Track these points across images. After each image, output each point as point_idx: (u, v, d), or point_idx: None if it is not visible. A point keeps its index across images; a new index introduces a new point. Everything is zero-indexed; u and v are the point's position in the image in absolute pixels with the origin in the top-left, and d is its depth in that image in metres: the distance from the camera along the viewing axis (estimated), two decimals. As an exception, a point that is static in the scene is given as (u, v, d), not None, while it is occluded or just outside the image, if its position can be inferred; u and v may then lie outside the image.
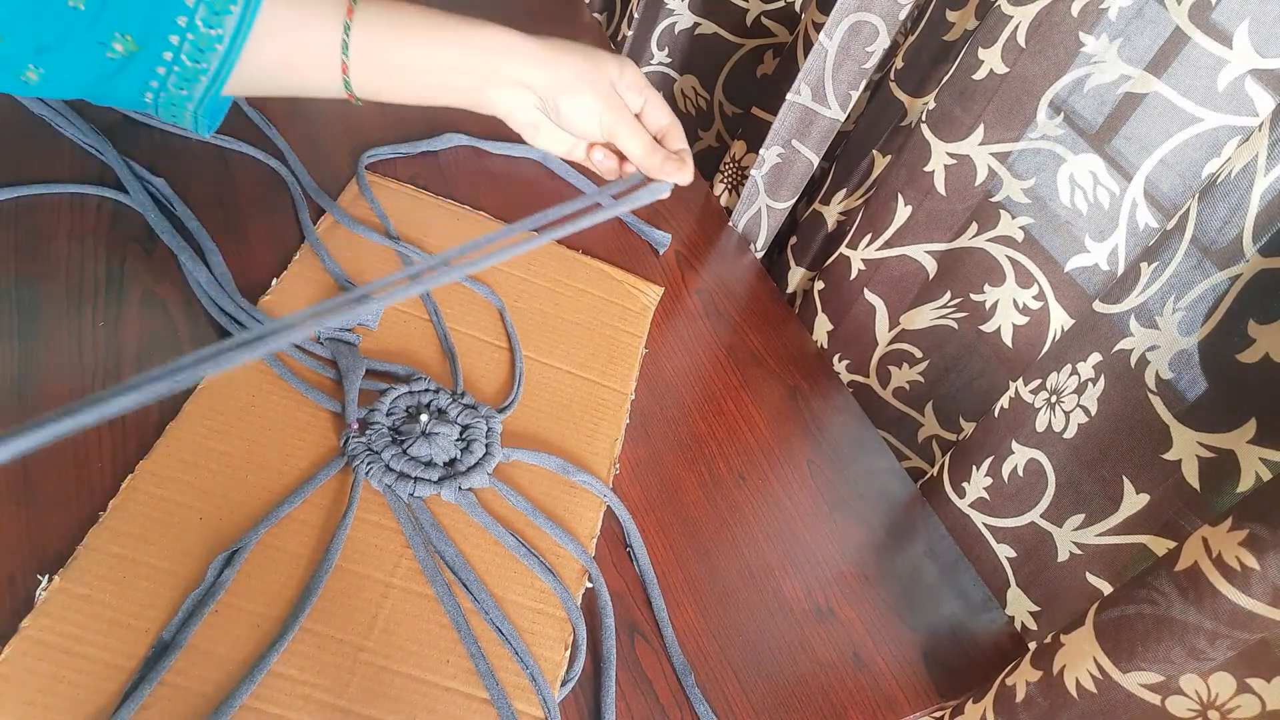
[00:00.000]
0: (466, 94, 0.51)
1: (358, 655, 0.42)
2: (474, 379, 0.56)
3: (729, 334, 0.69)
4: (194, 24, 0.43)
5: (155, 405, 0.47)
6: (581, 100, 0.51)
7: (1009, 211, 0.61)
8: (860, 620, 0.54)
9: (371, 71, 0.48)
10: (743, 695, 0.48)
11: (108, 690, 0.37)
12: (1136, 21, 0.51)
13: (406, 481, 0.48)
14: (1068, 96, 0.56)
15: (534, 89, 0.51)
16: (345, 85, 0.49)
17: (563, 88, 0.51)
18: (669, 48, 0.91)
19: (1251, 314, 0.44)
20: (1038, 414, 0.55)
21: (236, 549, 0.43)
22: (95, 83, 0.45)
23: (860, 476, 0.63)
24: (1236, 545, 0.38)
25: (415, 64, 0.49)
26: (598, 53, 0.52)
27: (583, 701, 0.45)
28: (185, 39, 0.44)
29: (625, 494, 0.54)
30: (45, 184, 0.54)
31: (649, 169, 0.54)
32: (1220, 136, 0.49)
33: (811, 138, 0.73)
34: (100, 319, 0.50)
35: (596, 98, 0.51)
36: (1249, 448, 0.45)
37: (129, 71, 0.44)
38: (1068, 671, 0.45)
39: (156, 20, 0.43)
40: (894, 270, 0.67)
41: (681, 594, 0.51)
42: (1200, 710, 0.41)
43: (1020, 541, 0.58)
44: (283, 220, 0.60)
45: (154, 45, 0.44)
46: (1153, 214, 0.53)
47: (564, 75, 0.51)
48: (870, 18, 0.66)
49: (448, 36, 0.49)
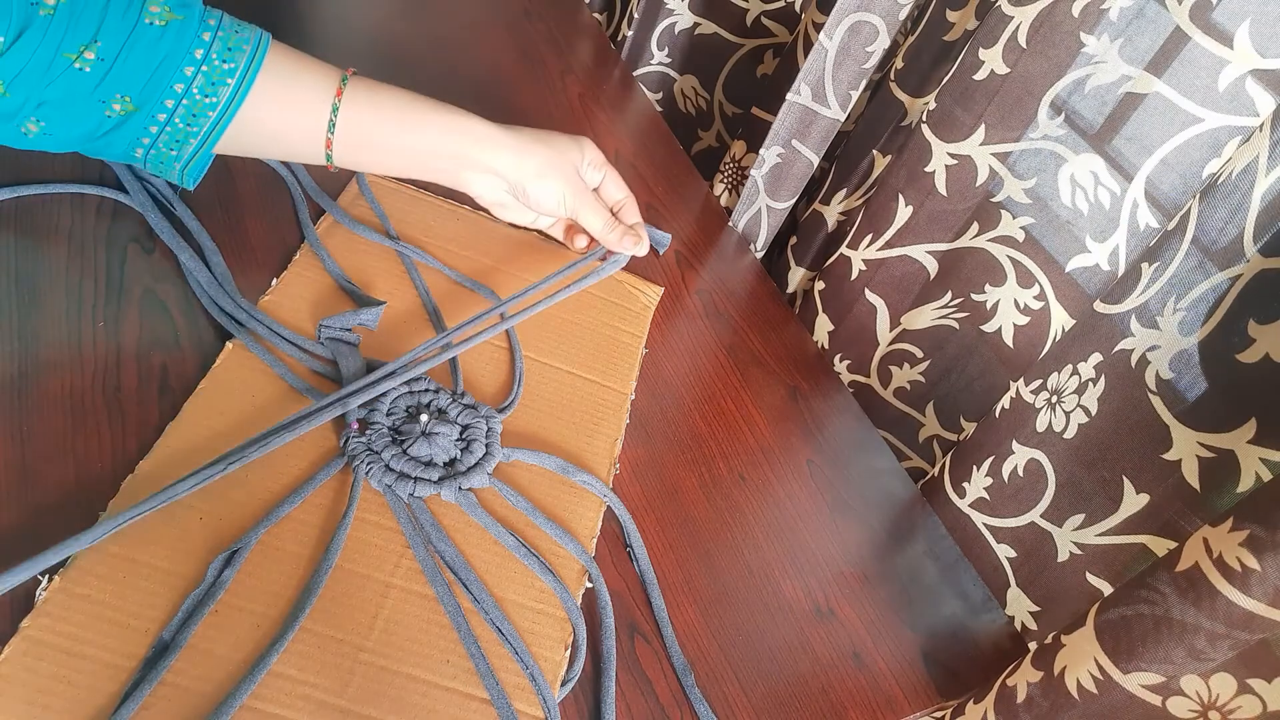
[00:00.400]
0: (442, 175, 0.57)
1: (358, 655, 0.42)
2: (474, 379, 0.56)
3: (729, 334, 0.69)
4: (190, 91, 0.47)
5: (155, 405, 0.47)
6: (548, 185, 0.58)
7: (1010, 211, 0.61)
8: (860, 620, 0.54)
9: (353, 148, 0.53)
10: (743, 695, 0.48)
11: (108, 690, 0.37)
12: (1137, 21, 0.51)
13: (406, 481, 0.48)
14: (1068, 97, 0.56)
15: (504, 176, 0.57)
16: (328, 158, 0.53)
17: (531, 175, 0.57)
18: (669, 48, 0.91)
19: (1252, 314, 0.44)
20: (1038, 414, 0.55)
21: (236, 549, 0.43)
22: (90, 138, 0.47)
23: (860, 477, 0.63)
24: (1237, 546, 0.38)
25: (394, 145, 0.54)
26: (560, 139, 0.59)
27: (583, 701, 0.45)
28: (180, 104, 0.47)
29: (625, 494, 0.54)
30: (45, 184, 0.54)
31: (608, 243, 0.62)
32: (1221, 137, 0.49)
33: (811, 138, 0.73)
34: (100, 319, 0.50)
35: (561, 182, 0.58)
36: (1249, 448, 0.45)
37: (124, 129, 0.47)
38: (1068, 672, 0.45)
39: (156, 85, 0.46)
40: (895, 270, 0.67)
41: (681, 594, 0.51)
42: (1201, 711, 0.41)
43: (1020, 541, 0.58)
44: (283, 220, 0.60)
45: (150, 107, 0.47)
46: (1153, 214, 0.53)
47: (533, 164, 0.57)
48: (870, 18, 0.66)
49: (426, 121, 0.54)
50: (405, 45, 0.80)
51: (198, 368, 0.49)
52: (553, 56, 0.88)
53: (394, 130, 0.53)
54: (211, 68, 0.47)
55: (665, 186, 0.79)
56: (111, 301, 0.51)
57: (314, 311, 0.55)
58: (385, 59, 0.78)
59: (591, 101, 0.85)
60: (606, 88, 0.89)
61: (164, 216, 0.55)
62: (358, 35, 0.80)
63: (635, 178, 0.78)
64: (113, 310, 0.50)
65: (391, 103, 0.53)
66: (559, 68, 0.87)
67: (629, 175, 0.78)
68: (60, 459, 0.43)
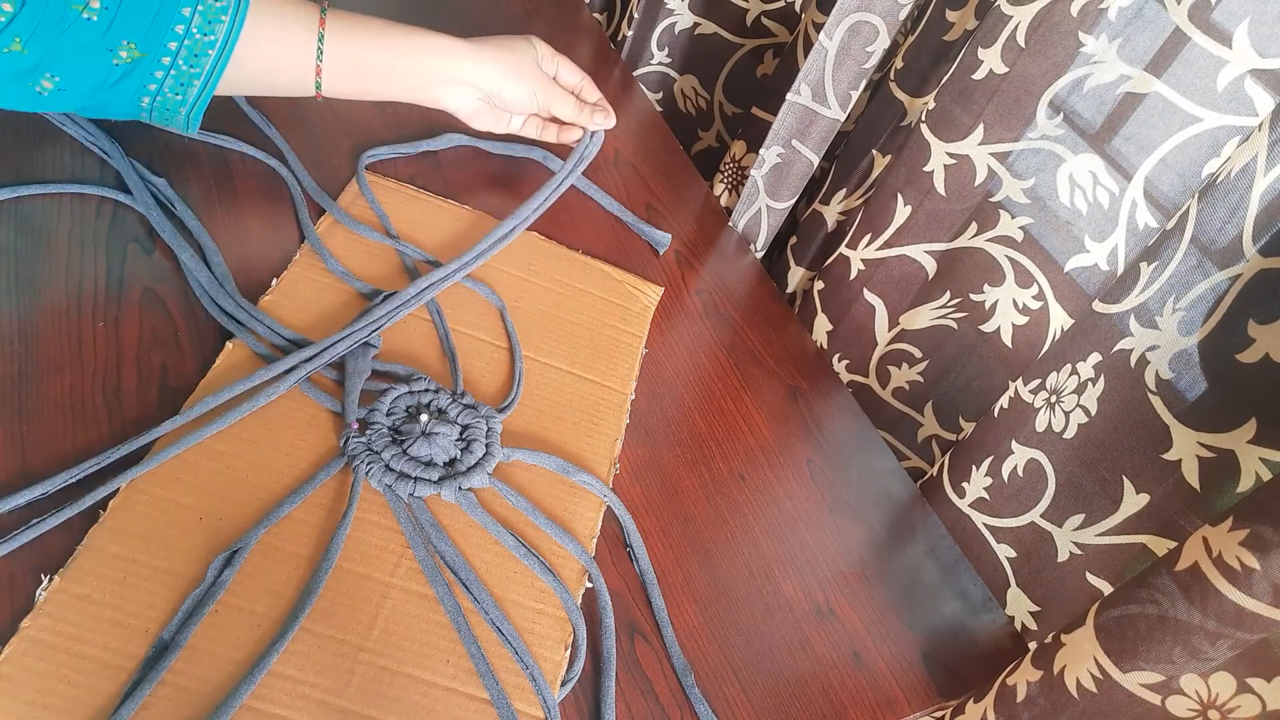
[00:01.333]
0: (419, 92, 0.61)
1: (358, 655, 0.42)
2: (474, 379, 0.56)
3: (729, 334, 0.69)
4: (190, 31, 0.49)
5: (155, 405, 0.47)
6: (519, 84, 0.63)
7: (1008, 211, 0.61)
8: (860, 620, 0.54)
9: (339, 73, 0.56)
10: (743, 695, 0.48)
11: (108, 690, 0.37)
12: (1136, 21, 0.51)
13: (406, 481, 0.48)
14: (1067, 96, 0.56)
15: (477, 85, 0.62)
16: (316, 85, 0.56)
17: (501, 78, 0.62)
18: (669, 48, 0.91)
19: (1251, 314, 0.44)
20: (1037, 414, 0.55)
21: (237, 549, 0.43)
22: (101, 88, 0.48)
23: (860, 476, 0.63)
24: (1237, 545, 0.38)
25: (377, 67, 0.58)
26: (516, 40, 0.64)
27: (583, 701, 0.45)
28: (183, 45, 0.49)
29: (625, 494, 0.54)
30: (45, 184, 0.54)
31: (581, 122, 0.69)
32: (1220, 136, 0.49)
33: (811, 138, 0.73)
34: (100, 319, 0.50)
35: (529, 79, 0.64)
36: (1249, 448, 0.45)
37: (133, 76, 0.49)
38: (1068, 671, 0.45)
39: (158, 28, 0.48)
40: (893, 270, 0.67)
41: (681, 594, 0.51)
42: (1200, 710, 0.41)
43: (1020, 541, 0.58)
44: (283, 220, 0.60)
45: (156, 51, 0.49)
46: (1152, 214, 0.53)
47: (500, 69, 0.62)
48: (870, 18, 0.66)
49: (402, 44, 0.58)
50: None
51: (198, 368, 0.49)
52: (552, 57, 0.88)
53: (375, 54, 0.57)
54: (206, 6, 0.49)
55: (665, 186, 0.79)
56: (111, 301, 0.51)
57: (314, 311, 0.55)
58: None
59: (591, 102, 0.85)
60: (606, 88, 0.88)
61: (165, 216, 0.55)
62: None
63: (635, 178, 0.78)
64: (113, 310, 0.50)
65: (368, 29, 0.57)
66: (559, 68, 0.87)
67: (629, 175, 0.78)
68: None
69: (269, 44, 0.53)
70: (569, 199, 0.72)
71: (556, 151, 0.74)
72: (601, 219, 0.73)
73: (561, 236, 0.68)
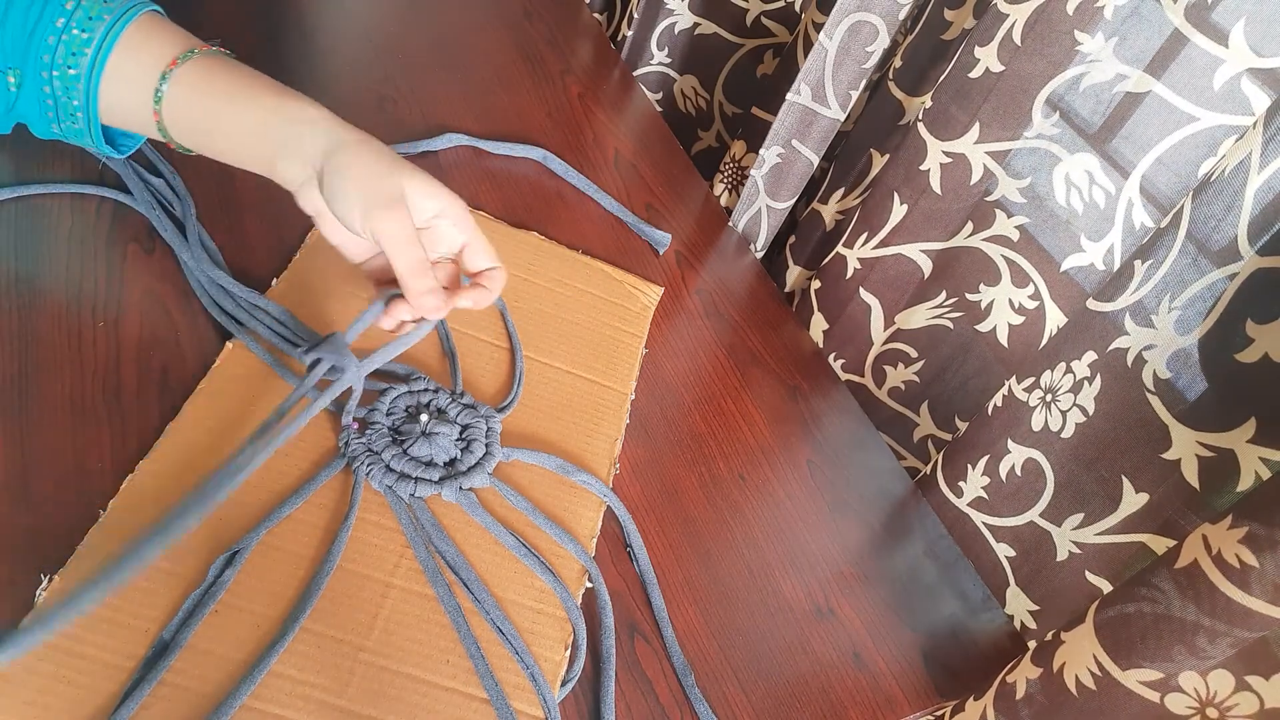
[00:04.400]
0: (259, 163, 0.47)
1: (358, 655, 0.42)
2: (474, 379, 0.56)
3: (729, 334, 0.69)
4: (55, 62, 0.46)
5: (155, 405, 0.47)
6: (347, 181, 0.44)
7: (1005, 210, 0.61)
8: (860, 620, 0.54)
9: (181, 123, 0.47)
10: (743, 695, 0.48)
11: (108, 690, 0.37)
12: (1133, 20, 0.51)
13: (407, 481, 0.48)
14: (1064, 95, 0.56)
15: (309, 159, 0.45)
16: (161, 132, 0.47)
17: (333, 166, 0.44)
18: (669, 48, 0.91)
19: (1250, 314, 0.44)
20: (1033, 413, 0.55)
21: (237, 549, 0.43)
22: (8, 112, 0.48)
23: (860, 476, 0.63)
24: (1236, 543, 0.38)
25: (219, 123, 0.47)
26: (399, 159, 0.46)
27: (583, 701, 0.45)
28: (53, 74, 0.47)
29: (625, 494, 0.54)
30: (45, 184, 0.54)
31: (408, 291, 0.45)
32: (1216, 135, 0.49)
33: (811, 138, 0.73)
34: (100, 319, 0.50)
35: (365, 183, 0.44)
36: (1249, 447, 0.45)
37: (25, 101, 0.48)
38: (1068, 669, 0.45)
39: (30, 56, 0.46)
40: (890, 269, 0.68)
41: (681, 594, 0.51)
42: (1199, 707, 0.41)
43: (1019, 541, 0.58)
44: (283, 220, 0.60)
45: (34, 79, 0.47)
46: (1149, 213, 0.53)
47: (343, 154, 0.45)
48: (870, 18, 0.66)
49: (257, 101, 0.46)
50: (405, 45, 0.81)
51: (198, 368, 0.49)
52: (553, 56, 0.88)
53: (220, 106, 0.46)
54: (71, 37, 0.46)
55: (665, 186, 0.79)
56: (111, 301, 0.51)
57: (316, 309, 0.55)
58: (385, 59, 0.78)
59: (591, 101, 0.85)
60: (606, 88, 0.89)
61: (165, 216, 0.56)
62: (358, 36, 0.80)
63: (635, 177, 0.78)
64: (113, 310, 0.50)
65: (229, 80, 0.47)
66: (559, 68, 0.87)
67: (629, 175, 0.78)
68: (60, 459, 0.44)
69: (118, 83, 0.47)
70: (569, 199, 0.72)
71: (557, 151, 0.73)
72: (601, 219, 0.73)
73: (561, 236, 0.68)
